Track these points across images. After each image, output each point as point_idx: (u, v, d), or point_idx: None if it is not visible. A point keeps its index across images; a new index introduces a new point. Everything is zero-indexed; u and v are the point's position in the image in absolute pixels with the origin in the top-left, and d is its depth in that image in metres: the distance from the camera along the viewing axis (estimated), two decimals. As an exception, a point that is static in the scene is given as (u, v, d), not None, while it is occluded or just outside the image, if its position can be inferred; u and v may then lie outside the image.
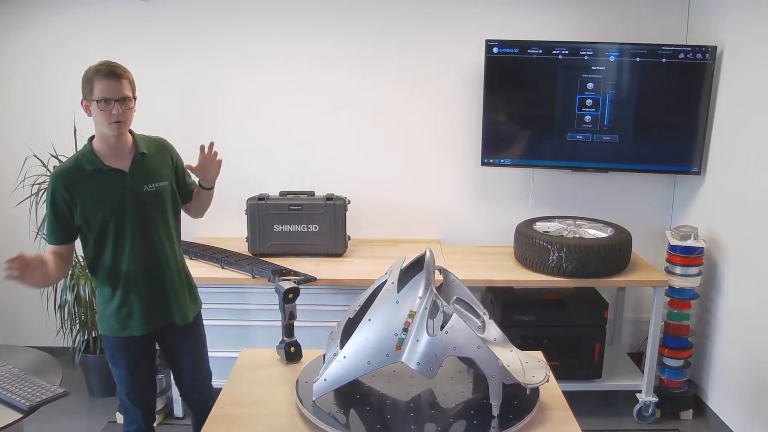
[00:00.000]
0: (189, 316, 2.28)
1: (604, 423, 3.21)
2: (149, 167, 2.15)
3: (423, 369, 1.62)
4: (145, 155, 2.15)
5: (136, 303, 2.15)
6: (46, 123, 3.52)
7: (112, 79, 2.00)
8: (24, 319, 3.76)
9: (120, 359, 2.20)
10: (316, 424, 1.65)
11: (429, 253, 1.74)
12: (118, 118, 2.02)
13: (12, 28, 3.45)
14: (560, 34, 3.37)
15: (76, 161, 2.08)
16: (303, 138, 3.56)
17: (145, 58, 3.46)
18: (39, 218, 3.21)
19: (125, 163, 2.11)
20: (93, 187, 2.06)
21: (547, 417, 1.72)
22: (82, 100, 2.06)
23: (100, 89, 1.99)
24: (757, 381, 2.85)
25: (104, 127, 2.04)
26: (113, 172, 2.08)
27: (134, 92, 2.10)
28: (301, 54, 3.46)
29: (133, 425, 2.29)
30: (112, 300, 2.15)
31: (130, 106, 2.07)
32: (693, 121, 3.23)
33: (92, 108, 2.03)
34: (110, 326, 2.18)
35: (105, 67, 2.01)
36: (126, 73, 2.05)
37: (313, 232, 3.25)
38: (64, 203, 2.04)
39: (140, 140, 2.18)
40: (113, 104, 2.00)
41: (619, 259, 3.06)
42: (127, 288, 2.14)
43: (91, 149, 2.09)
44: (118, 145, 2.10)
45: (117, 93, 2.01)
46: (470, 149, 3.53)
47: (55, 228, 2.08)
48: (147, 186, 2.13)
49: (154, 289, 2.18)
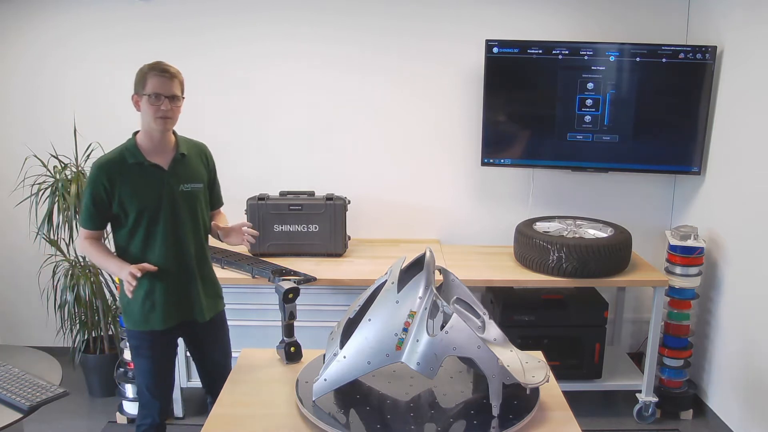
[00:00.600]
0: (210, 314, 2.33)
1: (604, 423, 3.21)
2: (187, 168, 2.25)
3: (423, 369, 1.62)
4: (185, 156, 2.24)
5: (159, 297, 2.21)
6: (46, 123, 3.52)
7: (165, 76, 2.12)
8: (24, 319, 3.77)
9: (144, 350, 2.27)
10: (316, 424, 1.65)
11: (429, 253, 1.74)
12: (165, 113, 2.13)
13: (12, 28, 3.45)
14: (560, 34, 3.37)
15: (119, 153, 2.18)
16: (303, 138, 3.56)
17: (145, 58, 3.43)
18: (39, 218, 3.21)
19: (165, 160, 2.20)
20: (132, 180, 2.14)
21: (547, 417, 1.72)
22: (133, 94, 2.18)
23: (153, 85, 2.11)
24: (757, 381, 2.85)
25: (151, 122, 2.15)
26: (153, 168, 2.17)
27: (183, 93, 2.20)
28: (301, 54, 3.46)
29: (148, 418, 2.34)
30: (137, 292, 2.19)
31: (178, 104, 2.18)
32: (693, 121, 3.23)
33: (142, 102, 2.15)
34: (134, 320, 2.25)
35: (159, 65, 2.14)
36: (178, 74, 2.18)
37: (313, 232, 3.25)
38: (104, 192, 2.12)
39: (182, 141, 2.28)
40: (163, 100, 2.12)
41: (619, 259, 3.05)
42: (152, 281, 2.20)
43: (134, 143, 2.20)
44: (161, 143, 2.20)
45: (167, 90, 2.12)
46: (470, 149, 3.53)
47: (93, 215, 2.16)
48: (183, 185, 2.22)
49: (178, 286, 2.24)
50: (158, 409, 2.34)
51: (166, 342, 2.32)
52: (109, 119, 3.52)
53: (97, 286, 3.31)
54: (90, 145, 3.35)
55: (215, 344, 2.41)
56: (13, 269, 3.70)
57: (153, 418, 2.34)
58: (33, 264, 3.54)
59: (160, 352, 2.30)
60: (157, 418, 2.34)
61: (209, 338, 2.39)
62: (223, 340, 2.45)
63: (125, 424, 3.17)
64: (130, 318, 2.26)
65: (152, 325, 2.23)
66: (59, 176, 3.20)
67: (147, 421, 2.35)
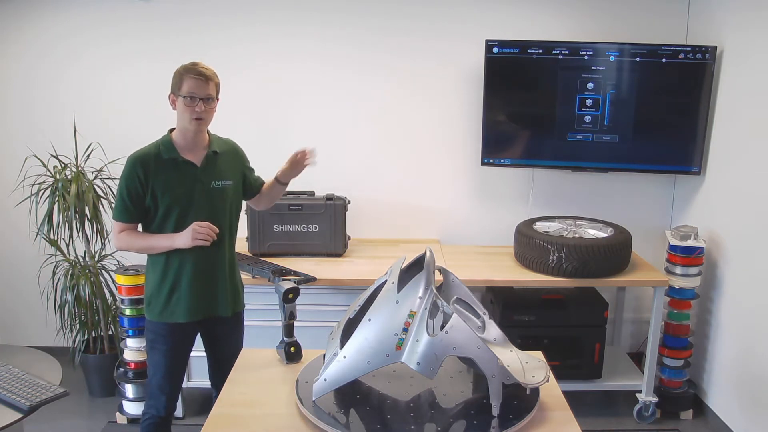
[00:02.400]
0: (232, 311, 2.39)
1: (604, 423, 3.21)
2: (219, 165, 2.30)
3: (423, 369, 1.62)
4: (217, 154, 2.30)
5: (185, 291, 2.27)
6: (46, 123, 3.52)
7: (200, 79, 2.17)
8: (24, 319, 3.77)
9: (160, 344, 2.32)
10: (316, 424, 1.65)
11: (429, 253, 1.74)
12: (200, 115, 2.19)
13: (12, 28, 3.45)
14: (560, 34, 3.37)
15: (155, 147, 2.24)
16: (303, 138, 3.55)
17: (145, 57, 3.47)
18: (39, 218, 3.21)
19: (198, 157, 2.26)
20: (166, 174, 2.21)
21: (547, 417, 1.72)
22: (170, 94, 2.23)
23: (188, 86, 2.17)
24: (757, 381, 2.85)
25: (186, 122, 2.21)
26: (186, 164, 2.24)
27: (218, 94, 2.26)
28: (301, 53, 3.46)
29: (152, 410, 2.38)
30: (163, 284, 2.26)
31: (213, 106, 2.24)
32: (693, 121, 3.23)
33: (178, 102, 2.21)
34: (157, 311, 2.29)
35: (196, 67, 2.19)
36: (214, 76, 2.23)
37: (313, 232, 3.25)
38: (139, 184, 2.18)
39: (215, 140, 2.34)
40: (198, 101, 2.17)
41: (619, 259, 3.05)
42: (179, 275, 2.26)
43: (170, 140, 2.26)
44: (195, 141, 2.26)
45: (202, 92, 2.18)
46: (470, 149, 3.53)
47: (128, 207, 2.21)
48: (215, 182, 2.28)
49: (204, 281, 2.29)
50: (164, 404, 2.37)
51: (184, 337, 2.36)
52: (109, 119, 3.53)
53: (97, 286, 3.31)
54: (90, 145, 3.35)
55: (230, 341, 2.44)
56: (13, 269, 3.70)
57: (157, 410, 2.37)
58: (33, 264, 3.53)
59: (176, 347, 2.34)
60: (162, 411, 2.37)
61: (226, 334, 2.44)
62: (239, 338, 2.49)
63: (125, 424, 3.17)
64: (154, 309, 2.30)
65: (176, 317, 2.28)
66: (59, 176, 3.20)
67: (151, 412, 2.38)
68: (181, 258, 2.25)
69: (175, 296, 2.27)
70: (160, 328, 2.31)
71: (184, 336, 2.36)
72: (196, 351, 2.47)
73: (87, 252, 3.31)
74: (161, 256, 2.25)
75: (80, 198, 3.15)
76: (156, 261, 2.28)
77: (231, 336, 2.45)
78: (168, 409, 2.39)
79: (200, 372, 3.01)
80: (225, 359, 2.40)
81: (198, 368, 3.05)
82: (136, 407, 3.16)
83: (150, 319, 2.33)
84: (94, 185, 3.24)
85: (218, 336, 2.44)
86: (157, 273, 2.28)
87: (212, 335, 2.44)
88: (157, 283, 2.28)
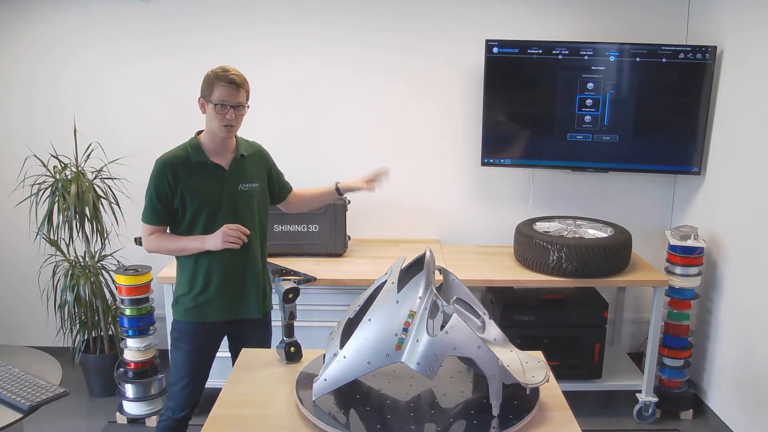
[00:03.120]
0: (261, 312, 2.40)
1: (604, 423, 3.21)
2: (246, 168, 2.32)
3: (423, 369, 1.62)
4: (244, 157, 2.32)
5: (215, 292, 2.29)
6: (46, 123, 3.52)
7: (232, 86, 2.17)
8: (24, 319, 3.77)
9: (183, 343, 2.34)
10: (316, 424, 1.65)
11: (429, 253, 1.73)
12: (230, 122, 2.20)
13: (12, 28, 3.45)
14: (560, 34, 3.37)
15: (183, 150, 2.26)
16: (303, 137, 3.56)
17: (145, 57, 3.47)
18: (39, 218, 3.21)
19: (226, 161, 2.28)
20: (195, 177, 2.23)
21: (547, 417, 1.72)
22: (200, 98, 2.23)
23: (219, 94, 2.17)
24: (757, 381, 2.85)
25: (216, 128, 2.22)
26: (215, 167, 2.25)
27: (248, 100, 2.27)
28: (301, 53, 3.46)
29: (168, 412, 2.38)
30: (194, 285, 2.29)
31: (242, 112, 2.25)
32: (693, 121, 3.23)
33: (208, 108, 2.21)
34: (185, 311, 2.32)
35: (227, 75, 2.17)
36: (245, 83, 2.23)
37: (313, 232, 3.25)
38: (168, 187, 2.20)
39: (242, 143, 2.36)
40: (228, 109, 2.18)
41: (619, 259, 3.05)
42: (208, 276, 2.28)
43: (198, 143, 2.27)
44: (223, 145, 2.28)
45: (233, 99, 2.18)
46: (470, 149, 3.53)
47: (157, 210, 2.23)
48: (242, 185, 2.30)
49: (234, 282, 2.31)
50: (180, 405, 2.36)
51: (210, 337, 2.37)
52: (109, 119, 3.53)
53: (97, 286, 3.31)
54: (90, 145, 3.35)
55: (259, 342, 2.43)
56: (13, 269, 3.70)
57: (173, 412, 2.37)
58: (33, 264, 3.53)
59: (199, 347, 2.35)
60: (177, 414, 2.36)
61: (254, 335, 2.43)
62: (267, 339, 2.49)
63: (125, 424, 3.17)
64: (182, 307, 2.32)
65: (205, 317, 2.31)
66: (59, 176, 3.20)
67: (167, 414, 2.38)
68: (210, 259, 2.26)
69: (204, 297, 2.29)
70: (185, 327, 2.33)
71: (209, 336, 2.36)
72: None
73: (87, 252, 3.31)
74: (191, 258, 2.27)
75: (80, 198, 3.15)
76: (186, 262, 2.29)
77: (260, 337, 2.45)
78: (185, 411, 2.37)
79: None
80: None
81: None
82: (136, 407, 3.16)
83: (176, 318, 2.35)
84: (94, 185, 3.24)
85: (247, 337, 2.41)
86: (186, 274, 2.30)
87: (240, 336, 2.42)
88: (187, 283, 2.30)
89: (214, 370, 2.48)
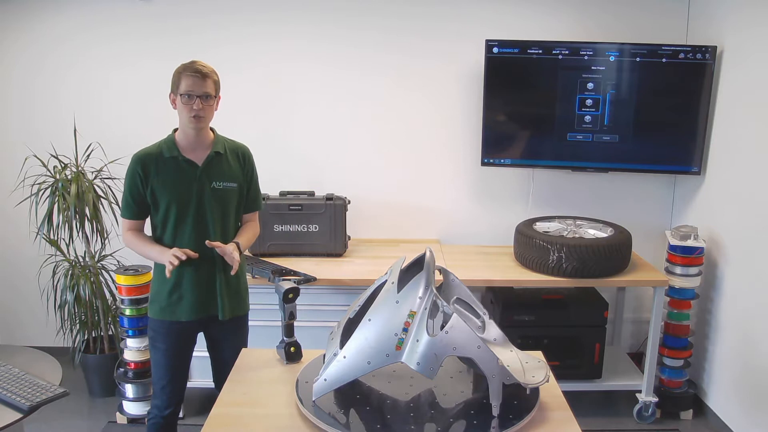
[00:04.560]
0: (233, 313, 2.38)
1: (604, 423, 3.21)
2: (221, 166, 2.30)
3: (423, 369, 1.62)
4: (220, 154, 2.30)
5: (187, 290, 2.29)
6: (46, 123, 3.52)
7: (197, 76, 2.18)
8: (24, 319, 3.77)
9: (160, 343, 2.34)
10: (316, 424, 1.65)
11: (429, 253, 1.73)
12: (197, 112, 2.19)
13: (12, 28, 3.45)
14: (560, 34, 3.37)
15: (157, 146, 2.28)
16: (303, 137, 3.56)
17: (145, 57, 3.47)
18: (39, 218, 3.21)
19: (200, 157, 2.27)
20: (166, 173, 2.24)
21: (547, 417, 1.72)
22: (170, 93, 2.25)
23: (185, 84, 2.18)
24: (757, 381, 2.85)
25: (185, 120, 2.23)
26: (187, 163, 2.25)
27: (218, 92, 2.27)
28: (300, 53, 3.46)
29: (155, 409, 2.40)
30: (166, 282, 2.27)
31: (211, 103, 2.23)
32: (693, 121, 3.23)
33: (177, 101, 2.22)
34: (159, 309, 2.32)
35: (193, 65, 2.20)
36: (212, 73, 2.23)
37: (313, 232, 3.25)
38: (140, 181, 2.22)
39: (221, 140, 2.34)
40: (195, 99, 2.18)
41: (619, 259, 3.05)
42: (180, 273, 2.27)
43: (173, 139, 2.28)
44: (197, 140, 2.27)
45: (200, 89, 2.18)
46: (470, 149, 3.53)
47: (130, 205, 2.27)
48: (216, 183, 2.28)
49: (205, 281, 2.30)
50: (165, 403, 2.38)
51: (184, 336, 2.37)
52: (109, 119, 3.53)
53: (97, 286, 3.31)
54: (90, 145, 3.35)
55: (230, 343, 2.42)
56: (13, 269, 3.70)
57: (159, 410, 2.39)
58: (33, 264, 3.53)
59: (175, 346, 2.35)
60: (164, 411, 2.38)
61: (226, 337, 2.43)
62: (240, 341, 2.46)
63: (125, 424, 3.17)
64: (156, 306, 2.33)
65: (178, 316, 2.31)
66: (59, 176, 3.20)
67: (154, 411, 2.40)
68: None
69: (176, 295, 2.30)
70: (159, 325, 2.33)
71: (183, 335, 2.37)
72: (198, 351, 2.47)
73: (87, 252, 3.31)
74: None
75: (80, 198, 3.15)
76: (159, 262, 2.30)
77: (231, 339, 2.44)
78: (170, 408, 2.40)
79: (200, 372, 3.01)
80: (224, 361, 2.40)
81: (198, 368, 3.04)
82: (136, 407, 3.16)
83: (151, 317, 2.36)
84: (94, 185, 3.24)
85: (218, 338, 2.44)
86: (160, 273, 2.30)
87: (213, 336, 2.45)
88: (160, 282, 2.31)
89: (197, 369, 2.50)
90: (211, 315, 2.36)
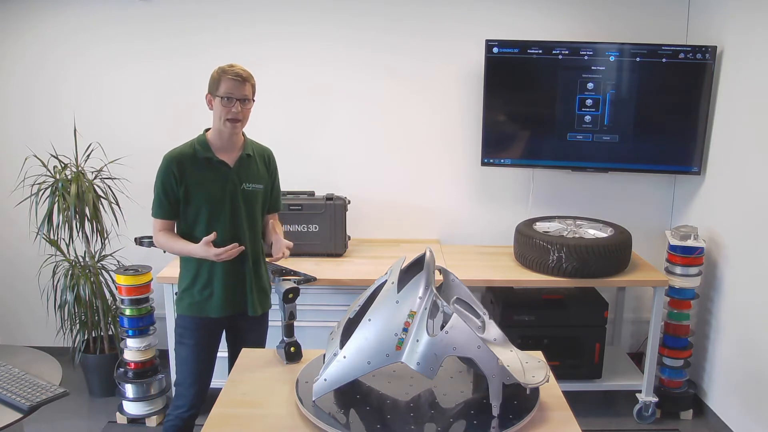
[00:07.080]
0: (259, 310, 2.43)
1: (604, 423, 3.21)
2: (251, 168, 2.36)
3: (423, 369, 1.62)
4: (250, 156, 2.36)
5: (218, 287, 2.33)
6: (46, 123, 3.52)
7: (238, 80, 2.22)
8: (24, 319, 3.77)
9: (188, 339, 2.37)
10: (316, 424, 1.65)
11: (429, 253, 1.73)
12: (236, 115, 2.24)
13: (12, 28, 3.45)
14: (560, 34, 3.37)
15: (190, 146, 2.30)
16: (303, 138, 3.56)
17: (145, 57, 3.47)
18: (39, 218, 3.21)
19: (232, 158, 2.32)
20: (200, 173, 2.27)
21: (547, 417, 1.72)
22: (207, 94, 2.28)
23: (226, 87, 2.21)
24: (757, 381, 2.85)
25: (222, 123, 2.25)
26: (220, 164, 2.29)
27: (254, 95, 2.31)
28: (300, 53, 3.46)
29: (176, 410, 2.41)
30: (197, 280, 2.33)
31: (248, 107, 2.29)
32: (693, 121, 3.23)
33: (215, 103, 2.26)
34: (189, 306, 2.35)
35: (234, 69, 2.23)
36: (251, 77, 2.27)
37: (313, 232, 3.25)
38: (174, 181, 2.25)
39: (249, 143, 2.40)
40: (235, 102, 2.22)
41: (619, 259, 3.05)
42: (211, 271, 2.32)
43: (205, 139, 2.31)
44: (229, 142, 2.32)
45: (239, 93, 2.23)
46: (470, 149, 3.53)
47: (164, 204, 2.28)
48: (246, 184, 2.33)
49: (235, 278, 2.35)
50: (190, 401, 2.39)
51: (213, 332, 2.40)
52: (109, 119, 3.53)
53: (97, 286, 3.31)
54: (90, 145, 3.35)
55: (254, 336, 2.47)
56: (13, 269, 3.70)
57: (182, 409, 2.39)
58: (33, 264, 3.54)
59: (203, 342, 2.37)
60: (185, 413, 2.39)
61: (251, 332, 2.47)
62: (262, 336, 2.52)
63: (125, 424, 3.17)
64: (185, 302, 2.35)
65: (208, 312, 2.34)
66: (59, 176, 3.20)
67: (174, 413, 2.41)
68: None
69: (207, 291, 2.33)
70: (188, 322, 2.36)
71: (211, 331, 2.40)
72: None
73: (87, 252, 3.31)
74: None
75: (80, 198, 3.15)
76: (190, 258, 2.32)
77: (256, 332, 2.48)
78: (192, 410, 2.40)
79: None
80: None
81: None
82: (136, 407, 3.16)
83: (180, 314, 2.38)
84: (94, 185, 3.24)
85: (244, 330, 2.46)
86: (190, 270, 2.34)
87: (238, 330, 2.47)
88: (191, 279, 2.34)
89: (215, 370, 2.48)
90: (239, 312, 2.39)
